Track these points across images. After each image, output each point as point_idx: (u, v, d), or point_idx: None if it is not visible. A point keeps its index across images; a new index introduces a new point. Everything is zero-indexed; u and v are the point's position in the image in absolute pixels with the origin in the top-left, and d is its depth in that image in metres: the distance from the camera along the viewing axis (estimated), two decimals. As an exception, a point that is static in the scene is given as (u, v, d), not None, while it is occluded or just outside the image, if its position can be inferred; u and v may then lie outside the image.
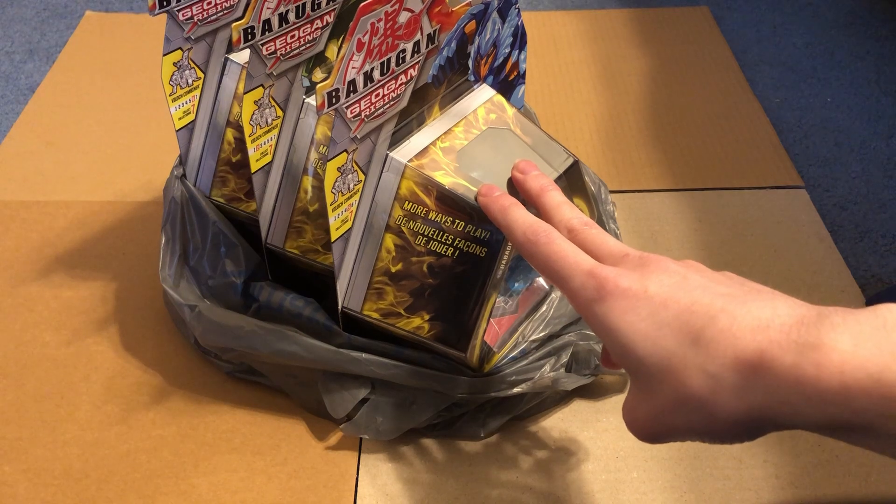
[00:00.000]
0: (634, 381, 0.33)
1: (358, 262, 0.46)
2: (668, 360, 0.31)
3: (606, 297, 0.33)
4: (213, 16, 0.49)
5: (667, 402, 0.31)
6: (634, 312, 0.32)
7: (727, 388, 0.29)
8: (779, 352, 0.28)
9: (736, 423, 0.29)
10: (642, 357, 0.32)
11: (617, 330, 0.32)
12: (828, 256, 0.63)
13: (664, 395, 0.31)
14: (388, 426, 0.48)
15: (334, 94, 0.39)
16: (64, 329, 0.57)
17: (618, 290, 0.33)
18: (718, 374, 0.29)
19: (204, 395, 0.53)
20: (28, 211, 0.66)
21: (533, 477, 0.49)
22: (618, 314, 0.33)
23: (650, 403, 0.32)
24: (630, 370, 0.33)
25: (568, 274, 0.35)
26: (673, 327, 0.31)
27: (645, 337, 0.32)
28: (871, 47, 0.87)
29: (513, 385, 0.48)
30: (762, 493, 0.48)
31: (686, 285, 0.32)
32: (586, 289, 0.34)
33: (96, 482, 0.48)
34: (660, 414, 0.32)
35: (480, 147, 0.47)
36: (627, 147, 0.73)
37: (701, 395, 0.30)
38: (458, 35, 0.46)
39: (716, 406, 0.29)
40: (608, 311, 0.33)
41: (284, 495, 0.48)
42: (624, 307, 0.32)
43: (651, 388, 0.32)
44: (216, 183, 0.52)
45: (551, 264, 0.36)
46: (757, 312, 0.29)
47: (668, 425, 0.32)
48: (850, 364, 0.26)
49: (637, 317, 0.32)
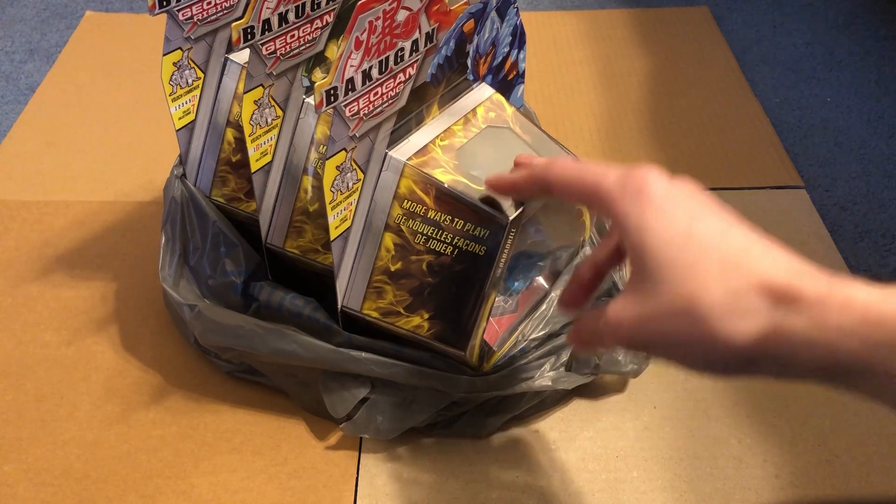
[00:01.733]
0: (637, 281, 0.32)
1: (357, 261, 0.46)
2: (690, 267, 0.30)
3: (647, 188, 0.32)
4: (213, 16, 0.49)
5: (668, 307, 0.30)
6: (671, 217, 0.32)
7: (744, 309, 0.29)
8: (810, 283, 0.28)
9: (735, 348, 0.29)
10: (664, 258, 0.31)
11: (646, 228, 0.32)
12: (828, 256, 0.63)
13: (667, 300, 0.30)
14: (388, 425, 0.48)
15: (332, 92, 0.39)
16: (64, 329, 0.57)
17: (660, 184, 0.32)
18: (740, 293, 0.29)
19: (204, 395, 0.53)
20: (28, 211, 0.66)
21: (533, 477, 0.49)
22: (653, 213, 0.32)
23: (646, 305, 0.31)
24: (640, 268, 0.32)
25: (602, 173, 0.34)
26: (705, 240, 0.31)
27: (671, 241, 0.31)
28: (871, 47, 0.87)
29: (512, 384, 0.48)
30: (762, 493, 0.48)
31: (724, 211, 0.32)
32: (623, 184, 0.33)
33: (96, 482, 0.48)
34: (653, 318, 0.31)
35: (480, 145, 0.47)
36: (627, 147, 0.73)
37: (712, 309, 0.29)
38: (457, 34, 0.46)
39: (723, 325, 0.29)
40: (643, 209, 0.32)
41: (284, 495, 0.48)
42: (661, 208, 0.32)
43: (655, 291, 0.31)
44: (216, 183, 0.52)
45: (584, 173, 0.35)
46: (793, 255, 0.30)
47: (656, 332, 0.31)
48: (875, 305, 0.27)
49: (673, 219, 0.31)
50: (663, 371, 0.54)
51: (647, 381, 0.54)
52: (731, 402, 0.53)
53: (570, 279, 0.40)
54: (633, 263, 0.33)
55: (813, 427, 0.51)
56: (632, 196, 0.33)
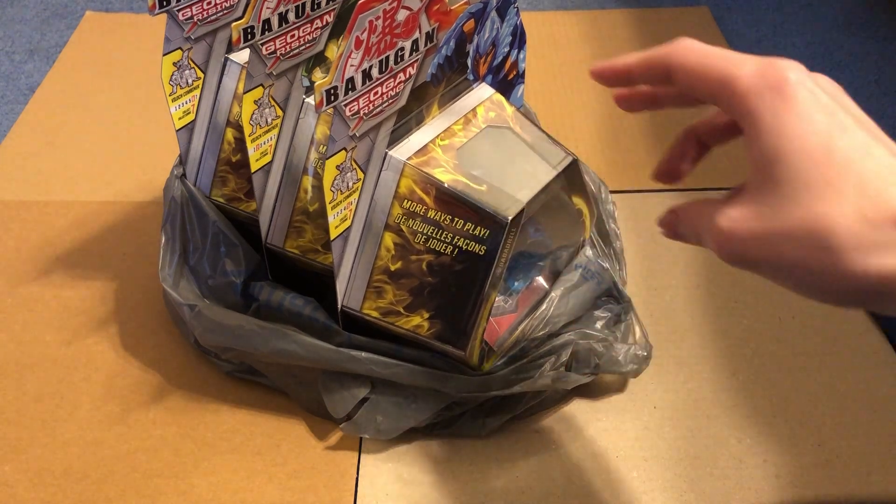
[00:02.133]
0: (760, 190, 0.29)
1: (357, 261, 0.46)
2: (825, 187, 0.27)
3: (788, 87, 0.29)
4: (213, 16, 0.49)
5: (793, 227, 0.28)
6: (812, 121, 0.28)
7: (879, 243, 0.26)
8: None
9: (861, 283, 0.27)
10: (798, 171, 0.28)
11: (784, 133, 0.28)
12: (828, 256, 0.63)
13: (795, 221, 0.28)
14: (388, 425, 0.48)
15: (332, 91, 0.39)
16: (64, 329, 0.57)
17: (803, 85, 0.29)
18: (877, 224, 0.26)
19: (204, 395, 0.53)
20: (28, 211, 0.66)
21: (533, 477, 0.49)
22: (793, 117, 0.28)
23: (767, 221, 0.28)
24: (767, 176, 0.29)
25: (737, 61, 0.30)
26: (846, 157, 0.28)
27: (810, 153, 0.28)
28: (871, 48, 0.87)
29: (512, 384, 0.48)
30: (762, 493, 0.48)
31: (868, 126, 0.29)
32: (761, 77, 0.29)
33: (96, 482, 0.48)
34: (773, 236, 0.28)
35: (480, 145, 0.47)
36: (627, 147, 0.73)
37: (846, 239, 0.27)
38: (457, 34, 0.46)
39: (854, 257, 0.27)
40: (782, 110, 0.29)
41: (284, 495, 0.48)
42: (805, 110, 0.28)
43: (781, 207, 0.28)
44: (216, 183, 0.52)
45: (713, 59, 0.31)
46: None
47: (775, 254, 0.28)
48: None
49: (812, 127, 0.28)
50: (663, 371, 0.54)
51: (647, 381, 0.54)
52: (731, 402, 0.53)
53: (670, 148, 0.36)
54: (758, 168, 0.30)
55: (813, 427, 0.51)
56: (771, 92, 0.29)
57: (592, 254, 0.55)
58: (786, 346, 0.56)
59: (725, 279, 0.61)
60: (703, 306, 0.59)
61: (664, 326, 0.57)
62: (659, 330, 0.57)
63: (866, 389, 0.53)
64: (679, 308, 0.59)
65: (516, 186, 0.45)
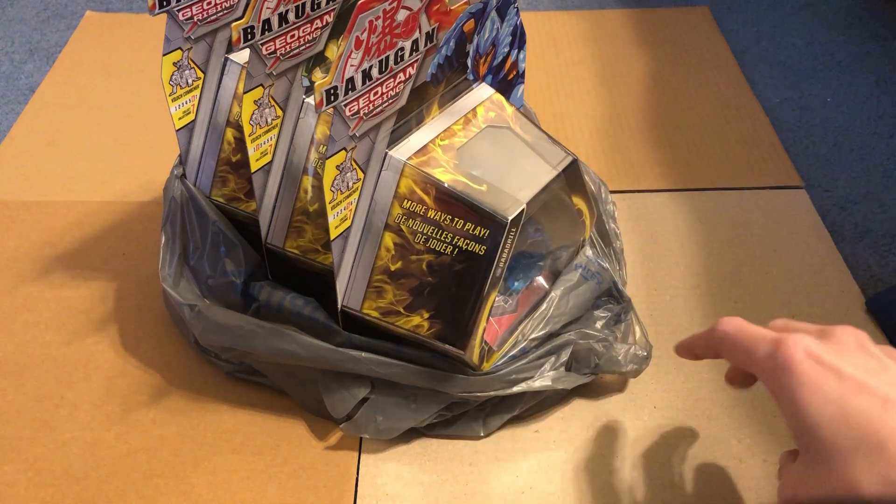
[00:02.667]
0: (806, 458, 0.32)
1: (357, 261, 0.46)
2: (852, 454, 0.30)
3: (794, 367, 0.32)
4: (213, 16, 0.49)
5: (833, 494, 0.30)
6: (823, 391, 0.31)
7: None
8: None
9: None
10: (823, 440, 0.31)
11: (800, 407, 0.31)
12: (828, 256, 0.63)
13: (833, 486, 0.30)
14: (388, 425, 0.48)
15: (332, 91, 0.39)
16: (64, 329, 0.57)
17: (807, 361, 0.32)
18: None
19: (204, 395, 0.53)
20: (28, 211, 0.66)
21: (533, 477, 0.49)
22: (807, 390, 0.31)
23: (816, 487, 0.31)
24: (803, 442, 0.32)
25: (756, 343, 0.35)
26: (862, 420, 0.30)
27: (830, 421, 0.31)
28: (871, 47, 0.87)
29: (513, 384, 0.48)
30: (762, 493, 0.48)
31: (885, 375, 0.31)
32: (772, 357, 0.33)
33: (96, 482, 0.48)
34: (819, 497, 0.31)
35: (480, 145, 0.47)
36: (627, 147, 0.73)
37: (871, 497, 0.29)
38: (457, 34, 0.46)
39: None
40: (797, 384, 0.32)
41: (284, 495, 0.48)
42: (814, 382, 0.31)
43: (819, 471, 0.31)
44: (216, 183, 0.52)
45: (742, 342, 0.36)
46: None
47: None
48: None
49: (825, 397, 0.31)
50: (663, 371, 0.54)
51: (647, 381, 0.54)
52: (731, 402, 0.53)
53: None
54: (795, 437, 0.33)
55: (813, 427, 0.51)
56: (783, 373, 0.33)
57: (592, 254, 0.55)
58: (786, 346, 0.56)
59: (725, 279, 0.61)
60: (703, 306, 0.59)
61: (664, 326, 0.57)
62: (659, 330, 0.57)
63: (866, 389, 0.53)
64: (679, 308, 0.59)
65: (516, 186, 0.45)
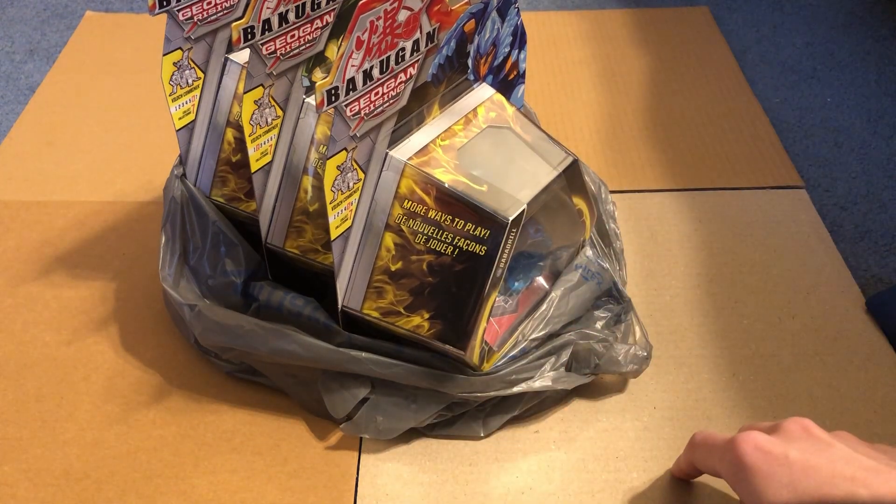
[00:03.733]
0: None
1: (357, 261, 0.46)
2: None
3: (745, 460, 0.35)
4: (213, 16, 0.49)
5: None
6: (776, 479, 0.34)
7: None
8: None
9: None
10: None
11: (759, 495, 0.34)
12: (828, 256, 0.63)
13: None
14: (389, 425, 0.48)
15: (333, 91, 0.39)
16: (64, 329, 0.57)
17: (756, 453, 0.35)
18: None
19: (204, 395, 0.53)
20: (28, 211, 0.66)
21: (533, 477, 0.49)
22: (760, 479, 0.34)
23: None
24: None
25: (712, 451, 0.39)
26: (814, 498, 0.32)
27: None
28: (871, 47, 0.87)
29: (513, 384, 0.48)
30: (762, 492, 0.48)
31: (830, 452, 0.34)
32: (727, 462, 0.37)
33: (96, 482, 0.48)
34: None
35: (481, 145, 0.47)
36: (627, 147, 0.73)
37: None
38: (458, 34, 0.46)
39: None
40: (751, 475, 0.35)
41: (284, 495, 0.48)
42: (765, 471, 0.34)
43: None
44: (216, 183, 0.52)
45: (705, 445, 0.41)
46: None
47: None
48: None
49: (779, 483, 0.34)
50: (663, 371, 0.54)
51: (647, 381, 0.54)
52: (731, 402, 0.53)
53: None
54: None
55: (813, 427, 0.51)
56: (737, 468, 0.36)
57: (592, 254, 0.55)
58: (786, 346, 0.56)
59: (725, 279, 0.61)
60: (703, 306, 0.59)
61: (664, 326, 0.57)
62: (659, 330, 0.57)
63: (866, 389, 0.53)
64: (679, 308, 0.59)
65: (517, 187, 0.45)
